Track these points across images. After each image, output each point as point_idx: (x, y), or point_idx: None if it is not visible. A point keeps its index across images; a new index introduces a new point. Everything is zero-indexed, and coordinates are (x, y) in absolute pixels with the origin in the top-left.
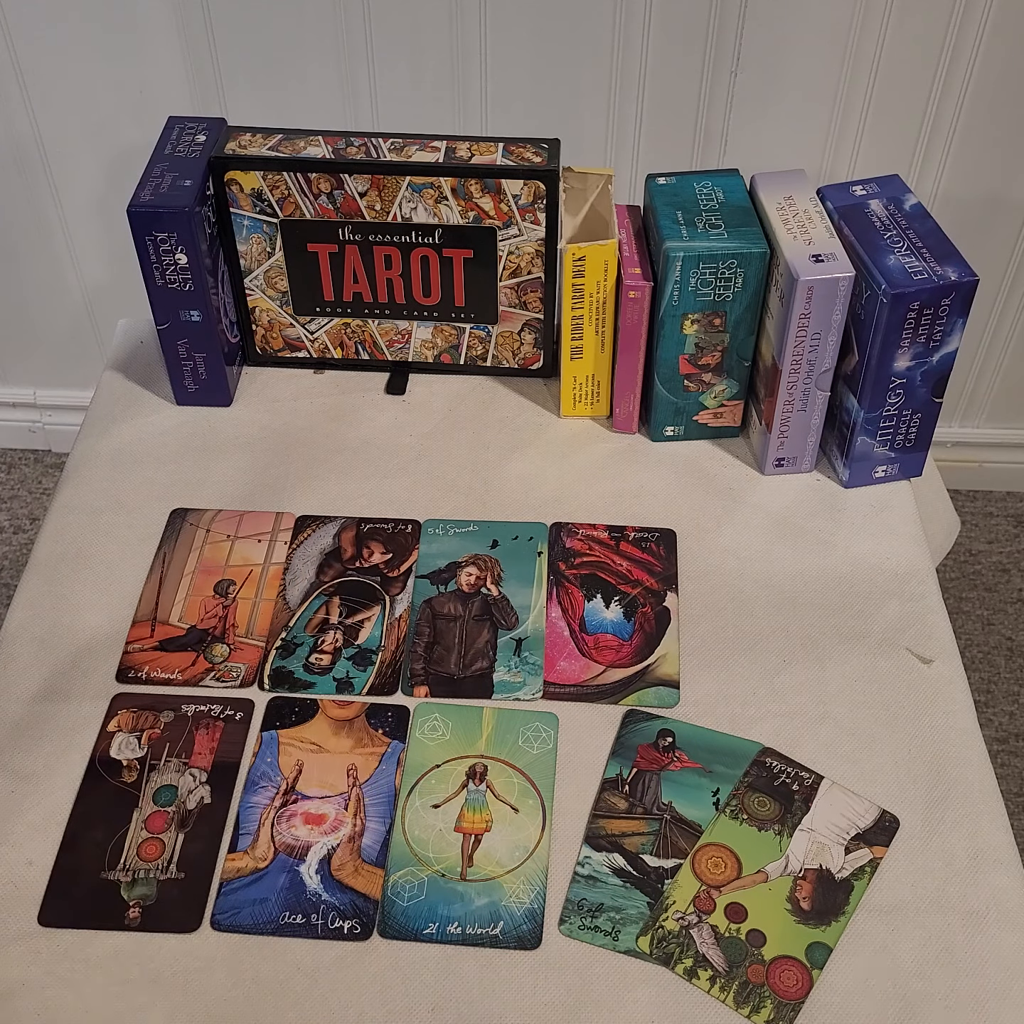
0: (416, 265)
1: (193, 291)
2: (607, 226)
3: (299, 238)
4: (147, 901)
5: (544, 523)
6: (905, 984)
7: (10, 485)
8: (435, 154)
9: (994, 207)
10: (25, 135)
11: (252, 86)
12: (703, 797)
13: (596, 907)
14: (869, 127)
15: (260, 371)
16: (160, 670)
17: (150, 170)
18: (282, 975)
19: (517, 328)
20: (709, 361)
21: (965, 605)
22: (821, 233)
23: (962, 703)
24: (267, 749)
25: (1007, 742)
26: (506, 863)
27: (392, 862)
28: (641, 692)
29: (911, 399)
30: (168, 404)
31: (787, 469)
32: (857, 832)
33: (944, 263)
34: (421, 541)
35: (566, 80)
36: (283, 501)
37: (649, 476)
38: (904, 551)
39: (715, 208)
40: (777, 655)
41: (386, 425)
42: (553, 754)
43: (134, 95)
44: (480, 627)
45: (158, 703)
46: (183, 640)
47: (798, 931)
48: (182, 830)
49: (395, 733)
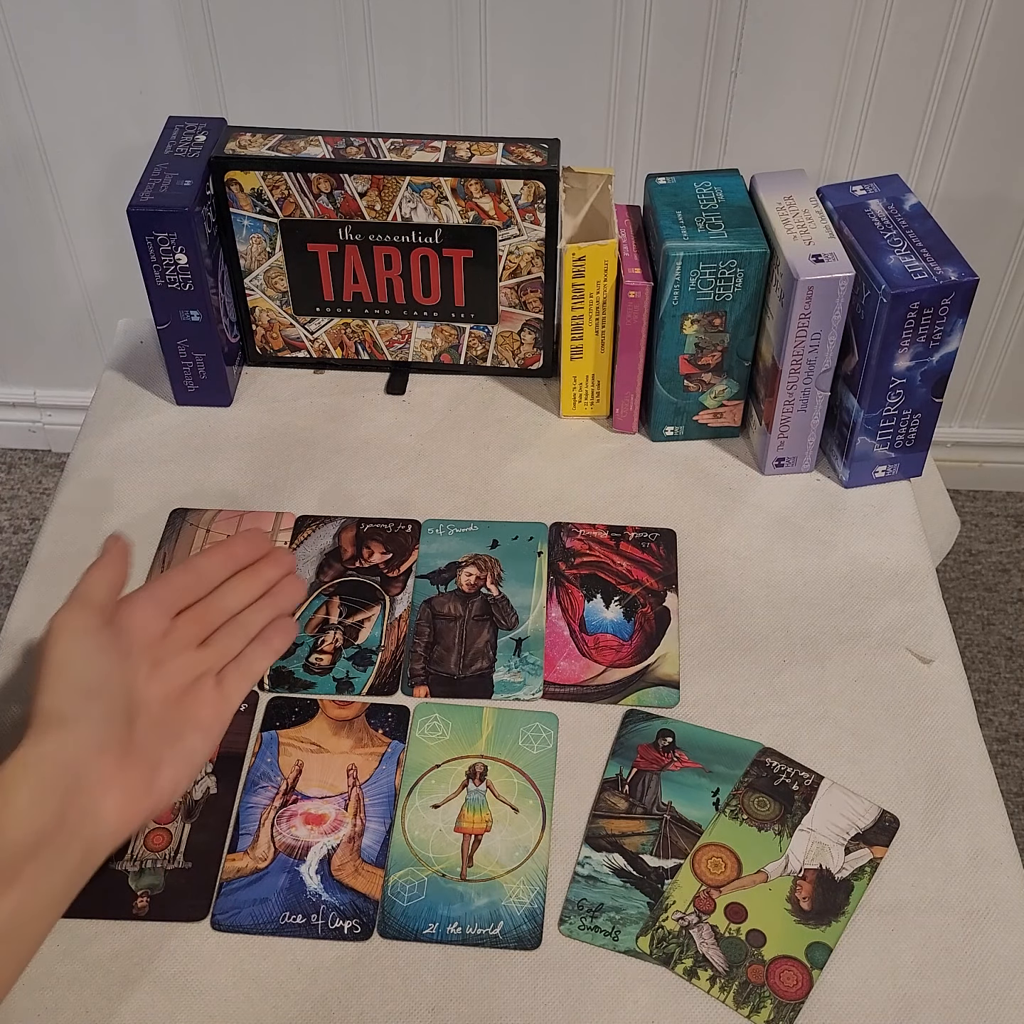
0: (416, 265)
1: (193, 291)
2: (607, 226)
3: (299, 238)
4: (155, 891)
5: (544, 523)
6: (905, 984)
7: (10, 485)
8: (435, 154)
9: (994, 207)
10: (25, 135)
11: (252, 86)
12: (703, 797)
13: (596, 907)
14: (869, 127)
15: (260, 371)
16: None
17: (150, 170)
18: (282, 975)
19: (517, 328)
20: (709, 361)
21: (965, 605)
22: (821, 233)
23: (962, 703)
24: (267, 749)
25: (1007, 742)
26: (506, 863)
27: (392, 862)
28: (641, 692)
29: (911, 399)
30: (168, 404)
31: (787, 469)
32: (857, 832)
33: (944, 263)
34: (421, 541)
35: (566, 80)
36: (283, 501)
37: (649, 476)
38: (904, 551)
39: (715, 208)
40: (777, 655)
41: (386, 425)
42: (553, 754)
43: (134, 95)
44: (480, 627)
45: None
46: None
47: (798, 931)
48: (189, 820)
49: (395, 733)
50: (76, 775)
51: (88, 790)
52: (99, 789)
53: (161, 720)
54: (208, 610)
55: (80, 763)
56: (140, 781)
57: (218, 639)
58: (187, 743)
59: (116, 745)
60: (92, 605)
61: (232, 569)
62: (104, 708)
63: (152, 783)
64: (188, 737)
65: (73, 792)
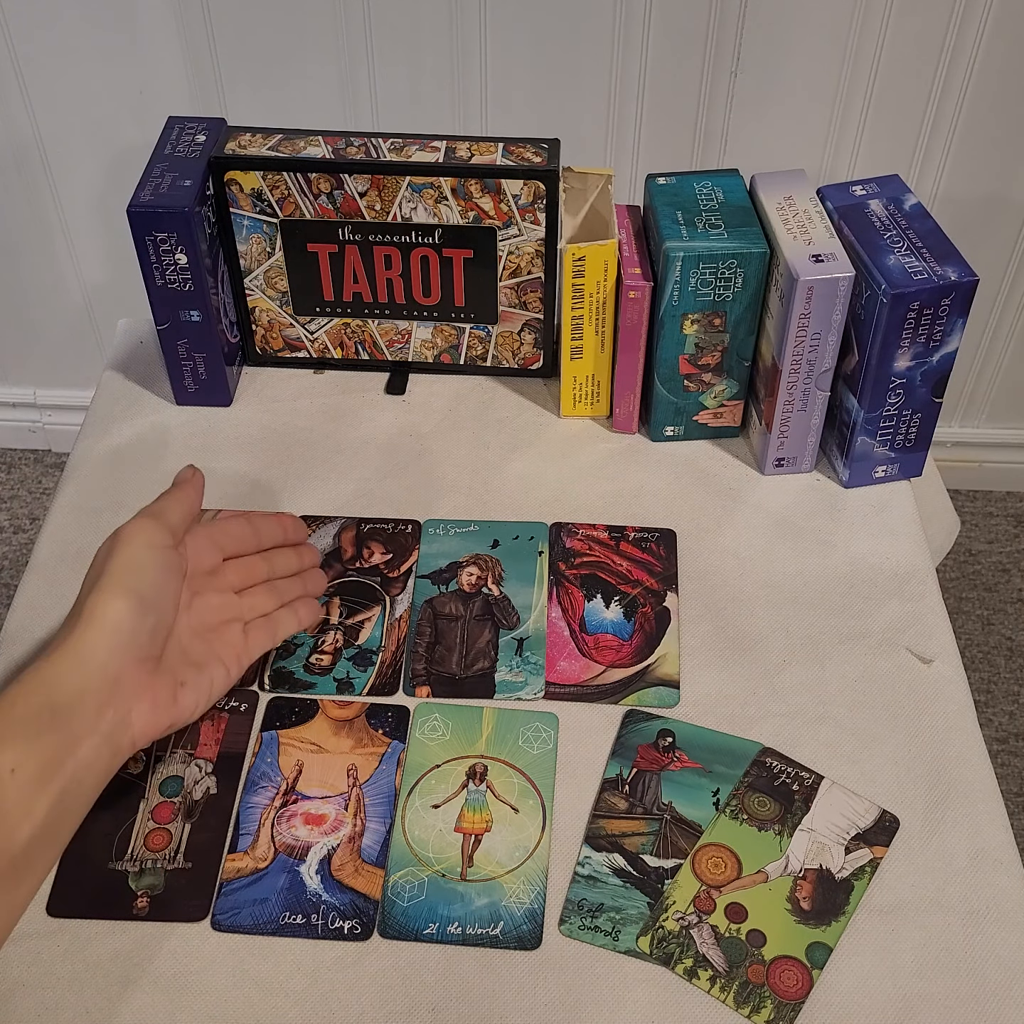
0: (416, 265)
1: (193, 291)
2: (607, 226)
3: (299, 238)
4: (155, 891)
5: (544, 523)
6: (905, 984)
7: (10, 485)
8: (435, 154)
9: (994, 207)
10: (25, 135)
11: (252, 86)
12: (703, 797)
13: (596, 907)
14: (869, 127)
15: (260, 371)
16: None
17: (150, 170)
18: (282, 975)
19: (517, 328)
20: (709, 361)
21: (965, 605)
22: (821, 233)
23: (962, 703)
24: (267, 749)
25: (1007, 742)
26: (506, 863)
27: (392, 862)
28: (641, 692)
29: (911, 399)
30: (168, 404)
31: (787, 469)
32: (857, 832)
33: (944, 263)
34: (421, 541)
35: (566, 80)
36: (283, 501)
37: (649, 476)
38: (904, 551)
39: (715, 208)
40: (777, 655)
41: (386, 425)
42: (553, 754)
43: (134, 95)
44: (481, 627)
45: None
46: None
47: (798, 931)
48: (188, 820)
49: (395, 733)
50: (117, 678)
51: (124, 695)
52: (133, 696)
53: (188, 647)
54: (254, 565)
55: (123, 668)
56: (167, 695)
57: (254, 593)
58: (208, 673)
59: (152, 659)
60: (166, 523)
61: (280, 540)
62: (153, 622)
63: (175, 700)
64: (210, 668)
65: (112, 693)
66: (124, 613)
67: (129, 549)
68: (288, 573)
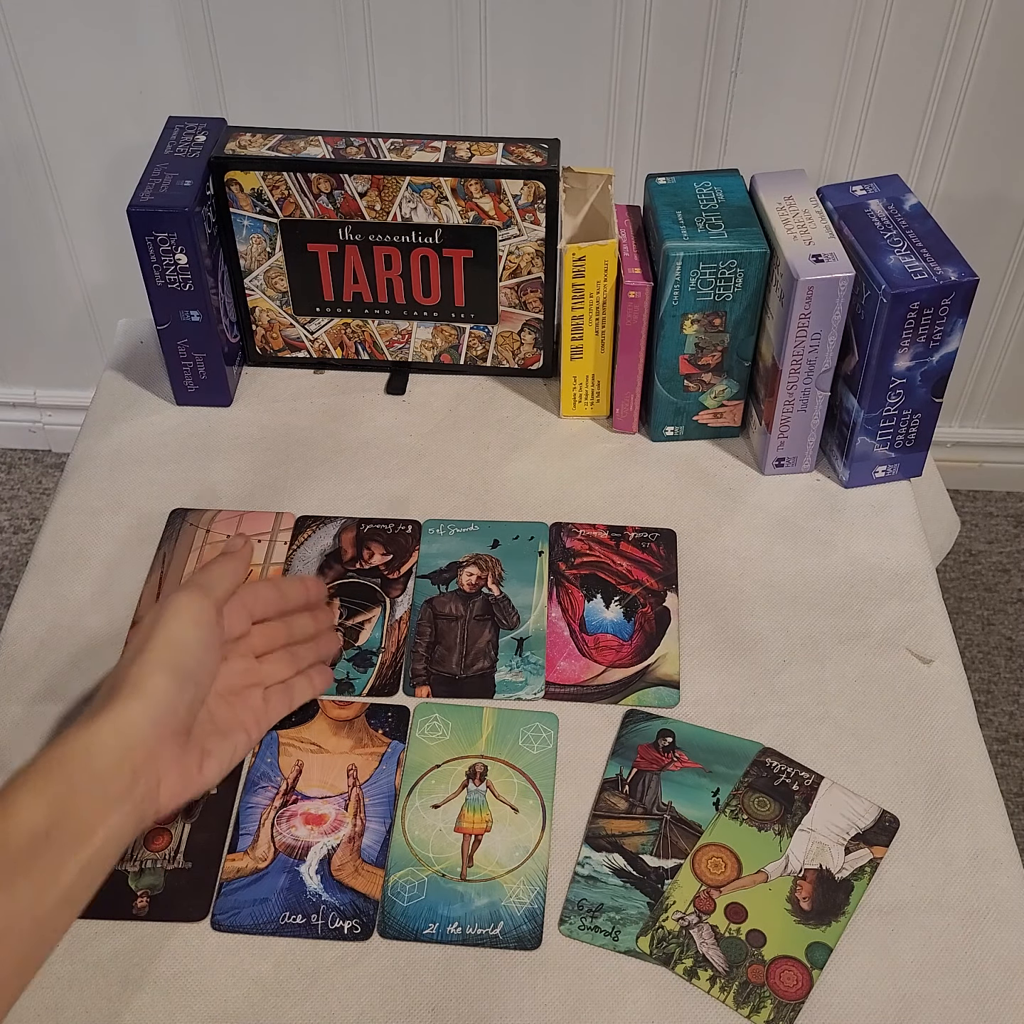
0: (416, 265)
1: (193, 291)
2: (607, 226)
3: (299, 238)
4: (155, 891)
5: (544, 523)
6: (905, 984)
7: (10, 485)
8: (435, 154)
9: (994, 207)
10: (25, 135)
11: (252, 86)
12: (703, 797)
13: (596, 907)
14: (869, 127)
15: (260, 371)
16: None
17: (150, 170)
18: (282, 975)
19: (517, 328)
20: (709, 361)
21: (965, 605)
22: (821, 233)
23: (962, 703)
24: (267, 749)
25: (1007, 742)
26: (506, 863)
27: (392, 862)
28: (641, 692)
29: (911, 399)
30: (168, 404)
31: (787, 469)
32: (857, 832)
33: (944, 263)
34: (422, 541)
35: (566, 80)
36: (283, 501)
37: (649, 476)
38: (904, 551)
39: (715, 208)
40: (777, 655)
41: (386, 425)
42: (553, 754)
43: (134, 95)
44: (481, 627)
45: None
46: None
47: (798, 931)
48: (189, 820)
49: (395, 733)
50: (152, 752)
51: (155, 767)
52: (163, 768)
53: (215, 711)
54: (276, 631)
55: (160, 741)
56: (194, 766)
57: (273, 660)
58: (232, 740)
59: (185, 731)
60: (212, 597)
61: (303, 603)
62: (191, 696)
63: (200, 770)
64: (233, 735)
65: (147, 766)
66: (165, 688)
67: (176, 624)
68: (305, 637)
